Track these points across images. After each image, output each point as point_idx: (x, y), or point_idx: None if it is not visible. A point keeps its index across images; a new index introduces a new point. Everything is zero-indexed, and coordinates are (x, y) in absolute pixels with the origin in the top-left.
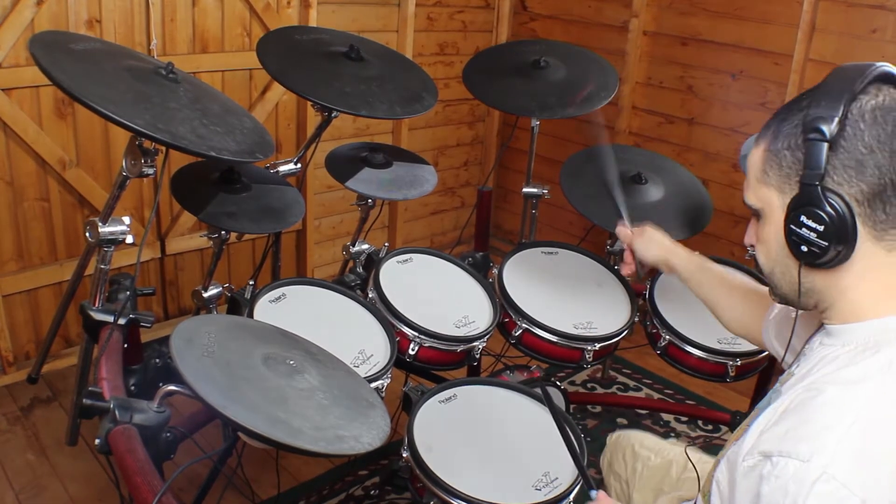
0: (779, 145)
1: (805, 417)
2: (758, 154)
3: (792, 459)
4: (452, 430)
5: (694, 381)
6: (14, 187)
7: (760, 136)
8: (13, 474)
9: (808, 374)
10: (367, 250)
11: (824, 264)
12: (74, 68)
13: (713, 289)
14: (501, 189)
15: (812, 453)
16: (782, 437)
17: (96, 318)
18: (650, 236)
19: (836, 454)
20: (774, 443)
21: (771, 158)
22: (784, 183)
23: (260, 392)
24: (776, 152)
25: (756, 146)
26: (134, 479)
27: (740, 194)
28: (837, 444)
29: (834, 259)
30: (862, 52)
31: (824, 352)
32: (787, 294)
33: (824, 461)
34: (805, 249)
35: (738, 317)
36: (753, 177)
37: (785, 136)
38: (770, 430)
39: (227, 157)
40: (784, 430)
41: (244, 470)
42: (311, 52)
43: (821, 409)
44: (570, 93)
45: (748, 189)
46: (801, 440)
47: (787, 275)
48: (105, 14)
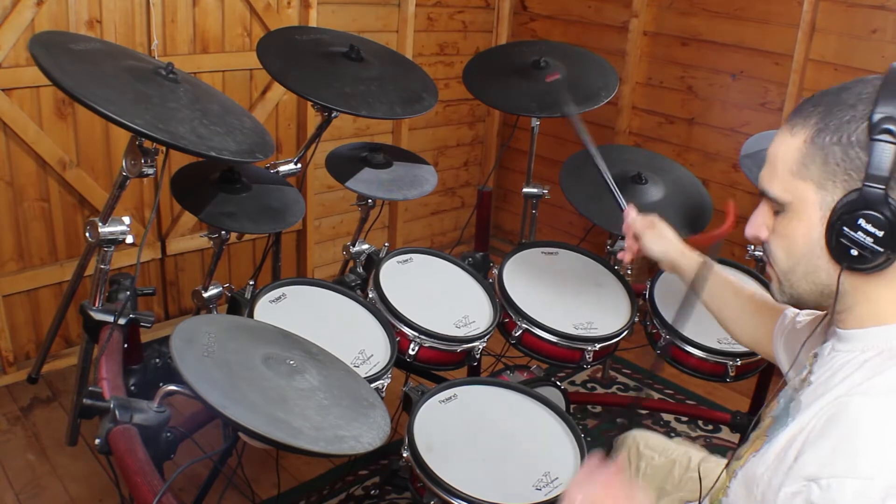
0: (826, 139)
1: (849, 433)
2: (793, 145)
3: (849, 479)
4: (452, 430)
5: (694, 382)
6: (14, 187)
7: (796, 126)
8: (13, 474)
9: (829, 381)
10: (367, 250)
11: (867, 269)
12: (74, 68)
13: (722, 297)
14: (501, 189)
15: (875, 470)
16: (829, 457)
17: (96, 318)
18: (661, 230)
19: (868, 459)
20: (821, 465)
21: (814, 152)
22: (827, 180)
23: (260, 392)
24: (822, 146)
25: (790, 135)
26: (134, 479)
27: (740, 194)
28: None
29: (881, 265)
30: (862, 53)
31: (842, 358)
32: (803, 295)
33: (891, 478)
34: (855, 253)
35: (747, 328)
36: (786, 169)
37: (835, 131)
38: (810, 453)
39: (227, 157)
40: (829, 450)
41: (244, 470)
42: (311, 52)
43: (864, 422)
44: (570, 93)
45: (773, 180)
46: (856, 457)
47: (812, 275)
48: (105, 14)
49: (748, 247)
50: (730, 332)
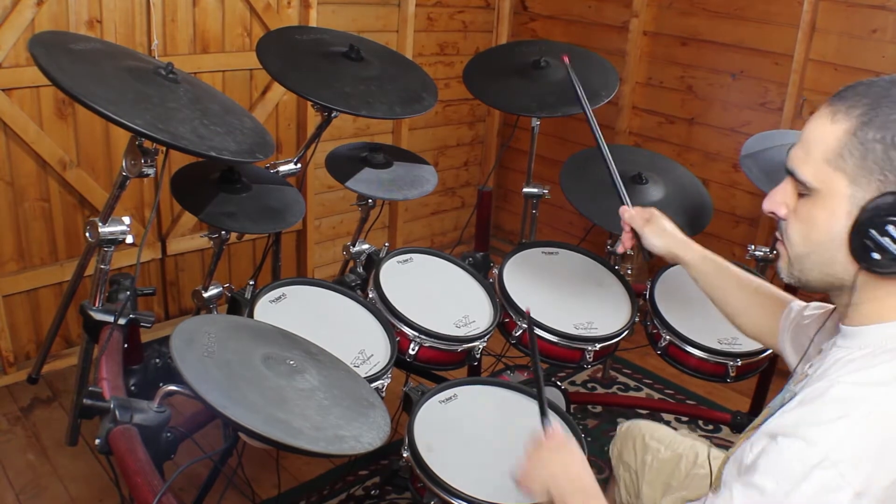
0: (870, 135)
1: (818, 407)
2: (833, 133)
3: (796, 440)
4: (452, 430)
5: (694, 382)
6: (14, 187)
7: (839, 113)
8: (13, 474)
9: (823, 375)
10: (367, 250)
11: (883, 273)
12: (74, 68)
13: (727, 289)
14: (501, 189)
15: (819, 438)
16: (792, 422)
17: (96, 318)
18: (661, 225)
19: (842, 442)
20: (782, 426)
21: (854, 145)
22: (863, 176)
23: (260, 392)
24: (864, 141)
25: (831, 121)
26: (134, 479)
27: (741, 194)
28: (846, 433)
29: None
30: (862, 53)
31: (839, 354)
32: (812, 281)
33: (828, 448)
34: (877, 257)
35: (752, 320)
36: (821, 155)
37: (881, 128)
38: (781, 417)
39: (227, 157)
40: (795, 417)
41: (244, 470)
42: (311, 52)
43: (835, 400)
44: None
45: (805, 163)
46: (810, 425)
47: (826, 266)
48: (105, 14)
49: (748, 246)
50: (734, 323)
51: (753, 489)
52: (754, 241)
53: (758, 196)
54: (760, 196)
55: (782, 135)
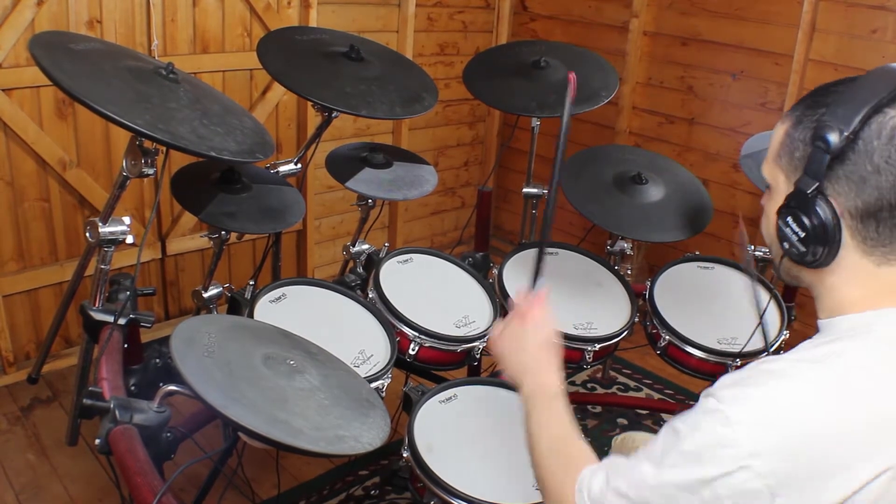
0: (797, 134)
1: (745, 375)
2: (779, 132)
3: (712, 398)
4: (452, 430)
5: (694, 382)
6: (14, 187)
7: (787, 115)
8: (13, 474)
9: None
10: (367, 250)
11: (803, 264)
12: (75, 68)
13: None
14: (501, 189)
15: (726, 398)
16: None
17: (96, 318)
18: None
19: (744, 403)
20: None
21: (787, 143)
22: (792, 172)
23: (260, 392)
24: (793, 139)
25: (781, 122)
26: (134, 479)
27: (741, 194)
28: (757, 397)
29: (813, 262)
30: (862, 53)
31: (805, 343)
32: (780, 273)
33: (730, 408)
34: (787, 246)
35: None
36: (771, 152)
37: (804, 127)
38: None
39: (228, 157)
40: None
41: (244, 470)
42: (311, 52)
43: (763, 373)
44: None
45: (765, 161)
46: (729, 386)
47: (777, 255)
48: (106, 14)
49: (748, 247)
50: None
51: (671, 429)
52: (754, 241)
53: (758, 196)
54: (760, 196)
55: None
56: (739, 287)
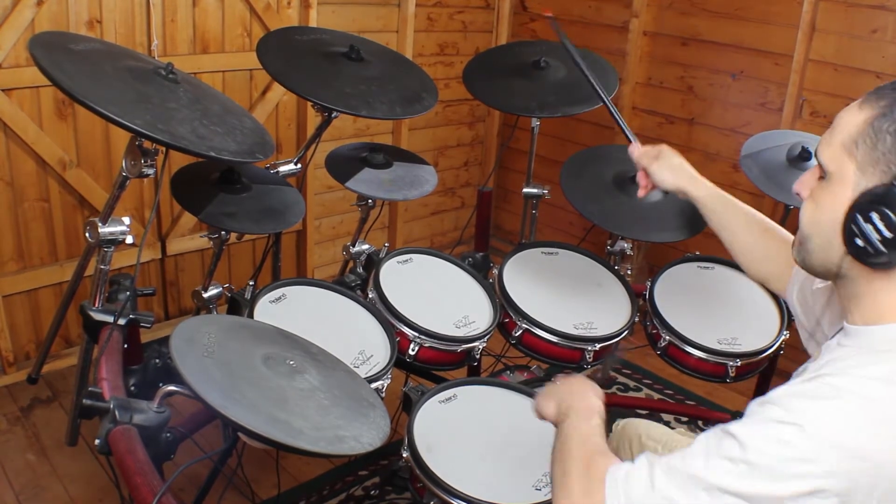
0: (885, 125)
1: (811, 387)
2: (856, 119)
3: (779, 407)
4: (452, 430)
5: (694, 382)
6: (14, 188)
7: (867, 102)
8: (13, 474)
9: (820, 368)
10: (367, 250)
11: (869, 264)
12: (74, 69)
13: (735, 228)
14: (501, 189)
15: (800, 408)
16: (781, 393)
17: (96, 318)
18: (668, 159)
19: (823, 419)
20: (772, 396)
21: (869, 133)
22: (870, 164)
23: (260, 392)
24: (878, 130)
25: (859, 108)
26: (134, 479)
27: (741, 194)
28: (831, 413)
29: (883, 264)
30: (862, 53)
31: (839, 352)
32: (815, 264)
33: (807, 418)
34: (860, 244)
35: (758, 259)
36: (839, 139)
37: (895, 121)
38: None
39: (227, 157)
40: (789, 391)
41: (244, 470)
42: (311, 52)
43: (830, 385)
44: (569, 93)
45: (827, 146)
46: (797, 397)
47: (824, 249)
48: (105, 14)
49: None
50: (739, 260)
51: (726, 433)
52: None
53: (758, 196)
54: (760, 196)
55: (782, 135)
56: (739, 287)
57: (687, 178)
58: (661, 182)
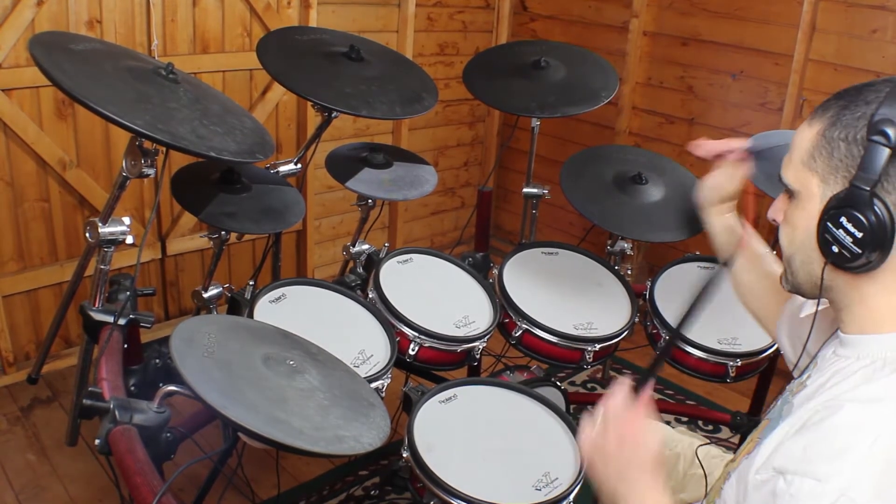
0: (835, 134)
1: (823, 436)
2: (809, 134)
3: (808, 479)
4: (452, 430)
5: (694, 382)
6: (14, 188)
7: (816, 116)
8: (13, 474)
9: (822, 387)
10: (367, 250)
11: (850, 269)
12: (74, 69)
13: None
14: (501, 189)
15: (830, 475)
16: (799, 455)
17: (96, 318)
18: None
19: (855, 477)
20: (789, 460)
21: (823, 145)
22: (830, 174)
23: (260, 392)
24: (830, 140)
25: (809, 125)
26: (134, 479)
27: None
28: (856, 466)
29: (862, 267)
30: (862, 53)
31: (839, 364)
32: (802, 284)
33: (843, 484)
34: (836, 251)
35: (756, 296)
36: (798, 157)
37: (844, 126)
38: (785, 446)
39: (228, 157)
40: (801, 448)
41: (244, 470)
42: (311, 52)
43: (840, 428)
44: (569, 93)
45: (788, 166)
46: (818, 459)
47: (806, 265)
48: (105, 14)
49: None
50: (738, 295)
51: None
52: None
53: (757, 196)
54: (760, 196)
55: (782, 135)
56: None
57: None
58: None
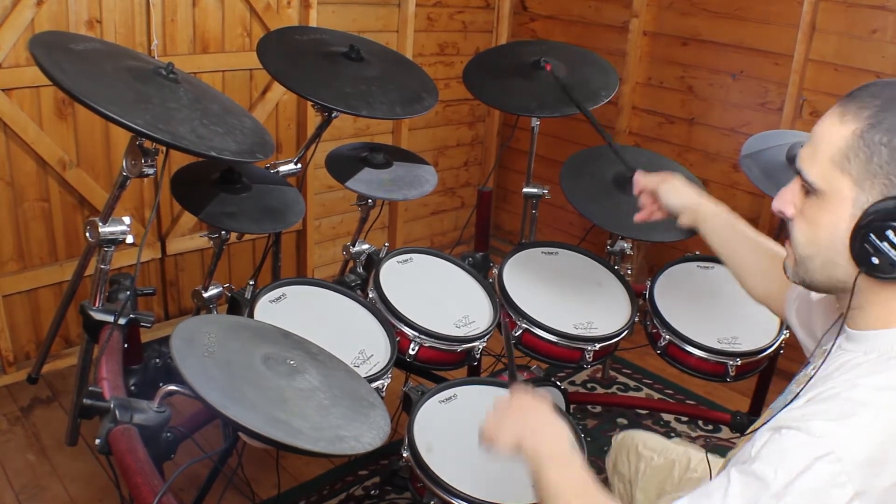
0: (876, 137)
1: (827, 405)
2: (841, 133)
3: (801, 433)
4: (453, 430)
5: (694, 381)
6: (14, 188)
7: (848, 113)
8: (13, 474)
9: (828, 378)
10: (367, 250)
11: (882, 278)
12: (74, 68)
13: (738, 247)
14: (501, 189)
15: (825, 433)
16: (798, 415)
17: (96, 318)
18: (675, 184)
19: (849, 441)
20: (788, 420)
21: (861, 147)
22: (866, 179)
23: (260, 392)
24: (870, 143)
25: (839, 122)
26: (134, 479)
27: (741, 194)
28: (855, 432)
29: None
30: (862, 53)
31: (844, 357)
32: (818, 283)
33: (834, 444)
34: (875, 262)
35: (762, 282)
36: (827, 156)
37: (887, 131)
38: (786, 413)
39: (228, 157)
40: (802, 412)
41: (244, 470)
42: (311, 52)
43: (844, 400)
44: (570, 93)
45: (813, 162)
46: (817, 418)
47: (829, 268)
48: (105, 14)
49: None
50: (742, 282)
51: (751, 476)
52: None
53: (758, 196)
54: (760, 196)
55: (782, 135)
56: (740, 286)
57: (694, 200)
58: (670, 202)
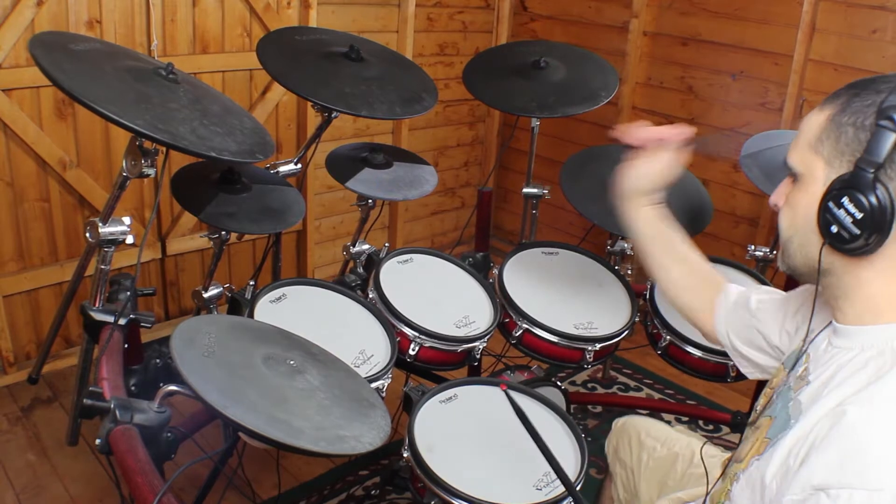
0: (844, 119)
1: (857, 442)
2: (818, 119)
3: (857, 490)
4: (453, 430)
5: (694, 381)
6: (14, 188)
7: (827, 103)
8: (13, 474)
9: (829, 382)
10: (367, 250)
11: (848, 251)
12: (74, 69)
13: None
14: (501, 189)
15: (883, 481)
16: (838, 467)
17: (97, 318)
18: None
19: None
20: (828, 474)
21: (831, 129)
22: (835, 158)
23: (260, 392)
24: (839, 125)
25: (819, 111)
26: (134, 479)
27: (741, 194)
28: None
29: (859, 249)
30: (862, 53)
31: (840, 357)
32: (798, 266)
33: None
34: (834, 230)
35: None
36: (805, 140)
37: (853, 112)
38: (816, 460)
39: (228, 157)
40: (836, 460)
41: (245, 470)
42: (311, 52)
43: (873, 433)
44: (569, 93)
45: (795, 149)
46: (865, 468)
47: (804, 248)
48: (105, 14)
49: (748, 246)
50: (669, 295)
51: None
52: (754, 241)
53: (758, 196)
54: (760, 196)
55: (782, 135)
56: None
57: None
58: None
